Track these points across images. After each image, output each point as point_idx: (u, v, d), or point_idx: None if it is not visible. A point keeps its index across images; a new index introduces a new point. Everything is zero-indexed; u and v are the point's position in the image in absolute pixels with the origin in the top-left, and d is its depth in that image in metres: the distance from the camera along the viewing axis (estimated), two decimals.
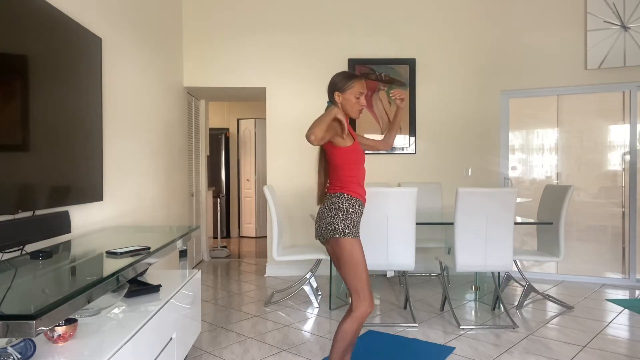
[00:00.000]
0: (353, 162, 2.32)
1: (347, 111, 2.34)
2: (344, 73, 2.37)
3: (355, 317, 2.24)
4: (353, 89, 2.30)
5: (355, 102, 2.31)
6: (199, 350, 2.97)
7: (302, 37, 5.12)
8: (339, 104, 2.32)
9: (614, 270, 4.85)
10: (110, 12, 3.18)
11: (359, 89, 2.31)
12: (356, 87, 2.30)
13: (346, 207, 2.26)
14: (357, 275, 2.23)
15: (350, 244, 2.23)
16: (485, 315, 3.70)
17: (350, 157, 2.31)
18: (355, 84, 2.30)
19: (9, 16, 1.97)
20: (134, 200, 3.55)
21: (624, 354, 2.91)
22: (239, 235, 8.20)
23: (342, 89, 2.30)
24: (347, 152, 2.29)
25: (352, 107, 2.32)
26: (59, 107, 2.37)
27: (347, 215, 2.24)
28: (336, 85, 2.32)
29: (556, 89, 4.98)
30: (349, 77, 2.32)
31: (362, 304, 2.22)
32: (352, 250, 2.23)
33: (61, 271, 1.82)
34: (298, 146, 5.07)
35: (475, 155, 5.16)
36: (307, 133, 2.09)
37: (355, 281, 2.23)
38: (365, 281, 2.23)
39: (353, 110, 2.33)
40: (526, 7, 5.05)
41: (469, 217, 3.38)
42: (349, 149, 2.29)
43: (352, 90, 2.30)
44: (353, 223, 2.25)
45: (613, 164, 4.87)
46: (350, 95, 2.30)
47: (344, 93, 2.30)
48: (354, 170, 2.32)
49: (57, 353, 1.63)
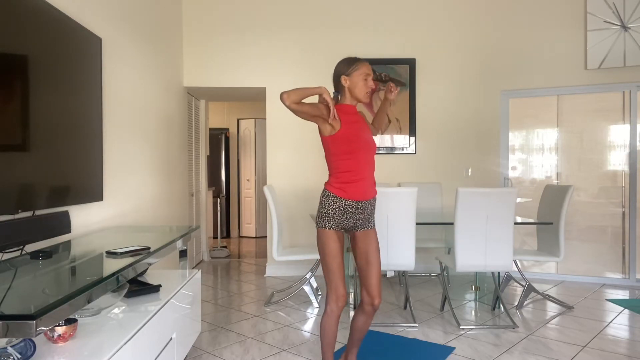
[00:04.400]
0: (343, 152, 2.23)
1: (357, 95, 2.29)
2: (347, 58, 2.34)
3: (325, 313, 2.27)
4: (359, 70, 2.27)
5: (364, 84, 2.28)
6: (199, 350, 2.97)
7: (302, 37, 5.12)
8: (347, 89, 2.29)
9: (614, 270, 4.85)
10: (110, 12, 3.18)
11: (365, 69, 2.28)
12: (362, 68, 2.28)
13: (323, 201, 2.28)
14: (325, 267, 2.26)
15: (320, 234, 2.26)
16: (485, 315, 3.70)
17: (339, 146, 2.23)
18: (360, 65, 2.28)
19: (9, 16, 1.97)
20: (134, 200, 3.55)
21: (624, 354, 2.91)
22: (239, 235, 8.20)
23: (348, 72, 2.28)
24: (334, 141, 2.22)
25: (360, 89, 2.28)
26: (59, 107, 2.37)
27: (321, 208, 2.27)
28: (341, 70, 2.30)
29: (556, 89, 4.98)
30: (353, 60, 2.30)
31: (330, 299, 2.25)
32: (320, 241, 2.26)
33: (61, 271, 1.82)
34: (298, 146, 5.07)
35: (475, 155, 5.16)
36: (282, 91, 2.06)
37: (325, 274, 2.27)
38: (333, 274, 2.23)
39: (362, 93, 2.29)
40: (526, 7, 5.05)
41: (469, 217, 3.38)
42: (335, 137, 2.21)
43: (358, 72, 2.27)
44: (322, 213, 2.26)
45: (613, 164, 4.87)
46: (358, 78, 2.27)
47: (350, 76, 2.27)
48: (345, 162, 2.23)
49: (57, 353, 1.63)
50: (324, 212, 2.26)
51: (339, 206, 2.25)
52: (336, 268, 2.23)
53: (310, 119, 2.18)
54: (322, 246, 2.26)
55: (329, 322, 2.26)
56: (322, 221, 2.26)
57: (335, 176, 2.26)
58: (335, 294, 2.23)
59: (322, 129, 2.23)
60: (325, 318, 2.27)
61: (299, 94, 2.08)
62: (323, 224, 2.25)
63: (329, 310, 2.25)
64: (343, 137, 2.22)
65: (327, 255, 2.24)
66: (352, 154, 2.24)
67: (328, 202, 2.25)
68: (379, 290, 2.33)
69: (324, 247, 2.24)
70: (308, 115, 2.16)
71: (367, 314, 2.38)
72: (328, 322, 2.26)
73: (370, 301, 2.33)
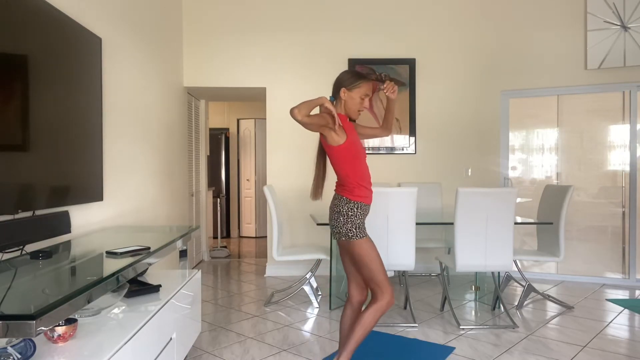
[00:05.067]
0: (351, 158, 2.29)
1: (348, 110, 2.33)
2: (354, 71, 2.37)
3: (379, 307, 2.29)
4: (360, 88, 2.30)
5: (359, 103, 2.32)
6: (199, 350, 2.97)
7: (302, 37, 5.12)
8: (343, 100, 2.32)
9: (614, 270, 4.85)
10: (110, 12, 3.18)
11: (366, 90, 2.31)
12: (363, 87, 2.31)
13: (345, 211, 2.28)
14: (373, 272, 2.29)
15: (357, 245, 2.28)
16: (485, 315, 3.70)
17: (347, 154, 2.29)
18: (363, 85, 2.31)
19: (9, 16, 1.97)
20: (134, 200, 3.55)
21: (624, 354, 2.91)
22: (239, 235, 8.20)
23: (349, 86, 2.30)
24: (342, 150, 2.27)
25: (354, 106, 2.32)
26: (59, 107, 2.37)
27: (347, 219, 2.27)
28: (344, 81, 2.32)
29: (556, 89, 4.98)
30: (358, 76, 2.32)
31: (385, 296, 2.28)
32: (360, 251, 2.28)
33: (61, 271, 1.82)
34: (298, 146, 5.07)
35: (475, 155, 5.16)
36: (293, 107, 2.05)
37: (373, 277, 2.29)
38: (382, 275, 2.28)
39: (354, 110, 2.33)
40: (526, 7, 5.05)
41: (469, 217, 3.38)
42: (344, 147, 2.26)
43: (359, 90, 2.30)
44: (355, 225, 2.27)
45: (613, 164, 4.87)
46: (356, 95, 2.30)
47: (350, 91, 2.30)
48: (353, 167, 2.30)
49: (57, 353, 1.63)
50: (359, 223, 2.29)
51: (364, 213, 2.32)
52: (383, 270, 2.30)
53: (318, 129, 2.21)
54: (368, 254, 2.28)
55: (380, 315, 2.30)
56: (359, 232, 2.28)
57: (356, 185, 2.29)
58: (391, 292, 2.29)
59: (330, 139, 2.25)
60: (377, 310, 2.28)
61: (307, 107, 2.09)
62: (362, 233, 2.29)
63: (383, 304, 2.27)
64: (352, 145, 2.28)
65: (374, 261, 2.29)
66: (359, 159, 2.31)
67: (359, 212, 2.29)
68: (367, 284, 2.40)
69: (370, 253, 2.28)
70: (317, 126, 2.18)
71: (355, 310, 2.46)
72: (379, 314, 2.30)
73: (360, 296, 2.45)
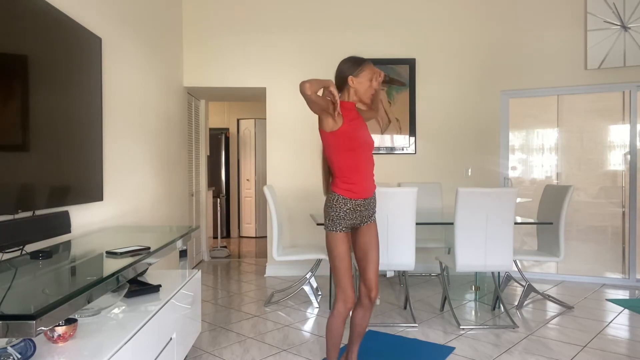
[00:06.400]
0: (343, 149, 2.23)
1: (361, 96, 2.30)
2: (353, 58, 2.33)
3: (333, 314, 2.29)
4: (366, 71, 2.28)
5: (369, 86, 2.29)
6: (199, 350, 2.97)
7: (302, 37, 5.12)
8: (353, 89, 2.29)
9: (614, 270, 4.85)
10: (110, 12, 3.18)
11: (371, 71, 2.30)
12: (368, 69, 2.29)
13: (327, 201, 2.31)
14: (334, 270, 2.28)
15: (327, 237, 2.29)
16: (485, 315, 3.70)
17: (338, 142, 2.23)
18: (367, 67, 2.29)
19: (9, 16, 1.97)
20: (134, 200, 3.55)
21: (624, 354, 2.91)
22: (239, 235, 8.20)
23: (355, 73, 2.28)
24: (335, 137, 2.22)
25: (365, 91, 2.29)
26: (58, 107, 2.37)
27: (327, 209, 2.30)
28: (348, 70, 2.29)
29: (556, 89, 4.98)
30: (360, 61, 2.30)
31: (339, 298, 2.27)
32: (328, 244, 2.29)
33: (61, 271, 1.82)
34: (298, 146, 5.07)
35: (475, 155, 5.16)
36: (304, 81, 2.03)
37: (335, 276, 2.29)
38: (343, 276, 2.25)
39: (367, 95, 2.31)
40: (526, 7, 5.05)
41: (469, 217, 3.38)
42: (337, 133, 2.21)
43: (365, 73, 2.28)
44: (329, 217, 2.28)
45: (613, 164, 4.87)
46: (364, 79, 2.28)
47: (357, 77, 2.28)
48: (345, 159, 2.24)
49: (57, 353, 1.63)
50: (335, 216, 2.26)
51: (349, 207, 2.27)
52: (345, 270, 2.25)
53: (319, 111, 2.17)
54: (331, 249, 2.27)
55: (336, 323, 2.28)
56: (332, 224, 2.27)
57: (341, 177, 2.26)
58: (344, 296, 2.26)
59: (325, 124, 2.21)
60: (332, 319, 2.29)
61: (318, 85, 2.08)
62: (334, 227, 2.26)
63: (337, 311, 2.27)
64: (344, 134, 2.22)
65: (336, 258, 2.26)
66: (353, 151, 2.24)
67: (339, 205, 2.26)
68: (376, 282, 2.37)
69: (334, 249, 2.27)
70: (319, 107, 2.14)
71: (365, 307, 2.41)
72: (335, 323, 2.28)
73: (367, 293, 2.38)
